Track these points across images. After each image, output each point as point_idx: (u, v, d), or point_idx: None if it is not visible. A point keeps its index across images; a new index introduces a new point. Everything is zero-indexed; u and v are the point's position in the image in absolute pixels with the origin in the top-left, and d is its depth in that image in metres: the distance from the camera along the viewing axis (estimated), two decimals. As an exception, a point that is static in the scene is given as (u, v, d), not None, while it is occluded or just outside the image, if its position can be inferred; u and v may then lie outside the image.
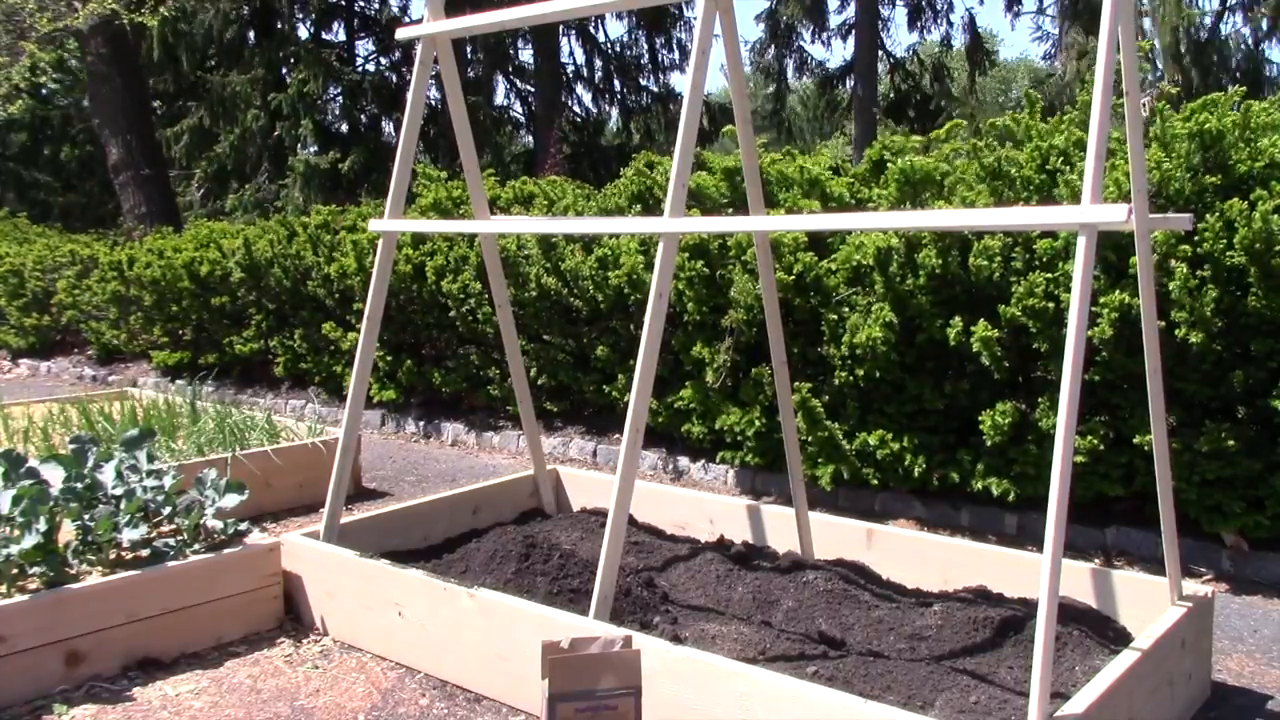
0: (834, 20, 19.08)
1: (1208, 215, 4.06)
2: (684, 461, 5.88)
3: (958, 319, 4.57)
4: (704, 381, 5.50)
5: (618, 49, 19.69)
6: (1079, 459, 4.29)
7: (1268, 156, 4.07)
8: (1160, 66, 14.07)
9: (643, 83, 19.69)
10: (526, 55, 19.07)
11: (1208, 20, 15.05)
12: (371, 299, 3.77)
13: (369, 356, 3.82)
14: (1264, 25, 14.59)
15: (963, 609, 3.24)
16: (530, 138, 20.00)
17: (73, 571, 3.41)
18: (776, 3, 18.65)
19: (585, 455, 6.29)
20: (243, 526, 3.78)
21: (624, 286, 5.82)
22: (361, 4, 18.40)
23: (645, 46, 19.53)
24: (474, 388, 7.02)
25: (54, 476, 3.68)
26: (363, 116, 17.41)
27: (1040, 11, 19.45)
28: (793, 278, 5.10)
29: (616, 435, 6.29)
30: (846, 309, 5.02)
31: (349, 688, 3.24)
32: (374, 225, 3.84)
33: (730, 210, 5.57)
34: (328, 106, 17.63)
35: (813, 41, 19.65)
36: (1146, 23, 13.64)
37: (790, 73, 19.87)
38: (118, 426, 5.57)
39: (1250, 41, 15.29)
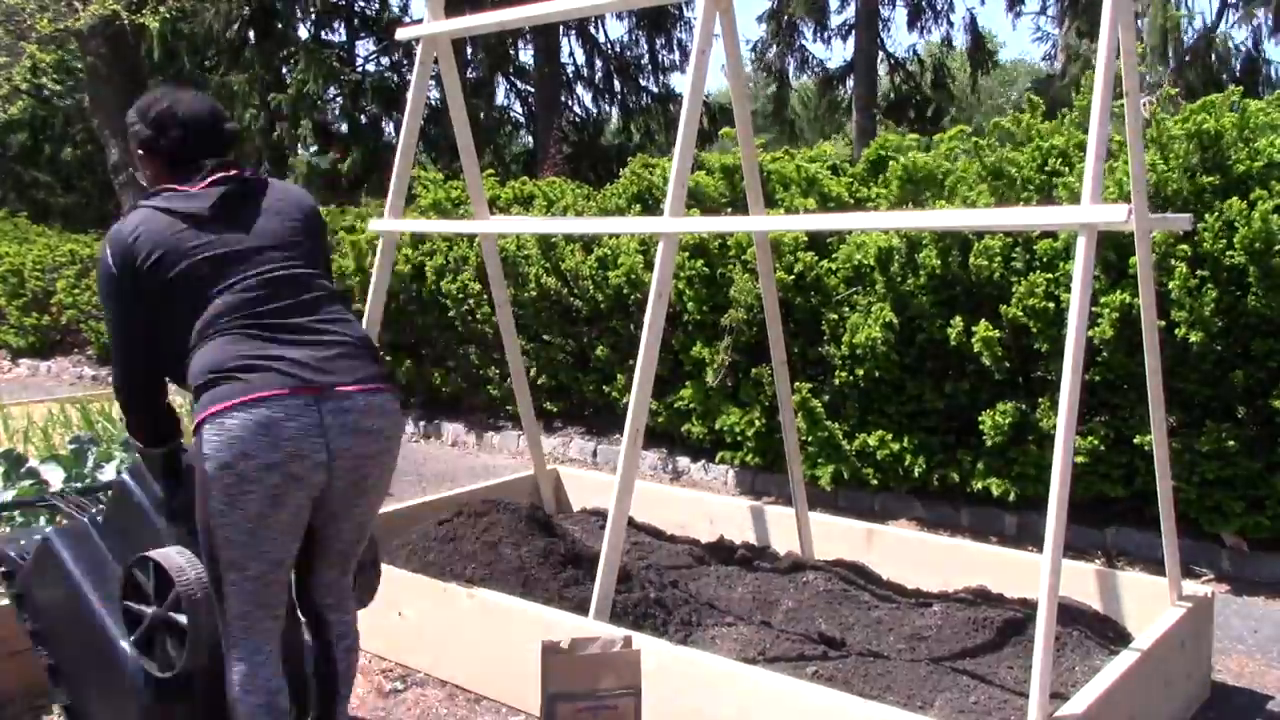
0: (834, 20, 19.07)
1: (1206, 215, 4.06)
2: (684, 461, 5.88)
3: (958, 319, 4.57)
4: (704, 381, 5.50)
5: (618, 49, 19.64)
6: (1079, 459, 4.29)
7: (1266, 156, 4.07)
8: (1154, 68, 14.08)
9: (643, 83, 19.64)
10: (527, 55, 19.06)
11: (1197, 22, 15.06)
12: (371, 299, 3.76)
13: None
14: (1262, 23, 14.58)
15: (963, 609, 3.24)
16: (530, 138, 19.98)
17: (73, 571, 3.40)
18: (778, 1, 18.63)
19: (585, 455, 6.29)
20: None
21: (624, 286, 5.82)
22: (362, 4, 18.38)
23: (645, 47, 19.46)
24: (474, 388, 7.02)
25: (54, 476, 3.68)
26: (363, 117, 17.39)
27: (1042, 12, 19.43)
28: (793, 277, 5.11)
29: (616, 435, 6.29)
30: (847, 309, 5.02)
31: (349, 688, 3.24)
32: (374, 225, 3.84)
33: (730, 209, 5.57)
34: (328, 107, 17.61)
35: (814, 40, 19.63)
36: (1144, 24, 13.65)
37: (792, 72, 19.82)
38: (118, 426, 5.57)
39: (1250, 42, 15.30)
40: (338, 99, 17.63)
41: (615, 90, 19.85)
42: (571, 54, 19.72)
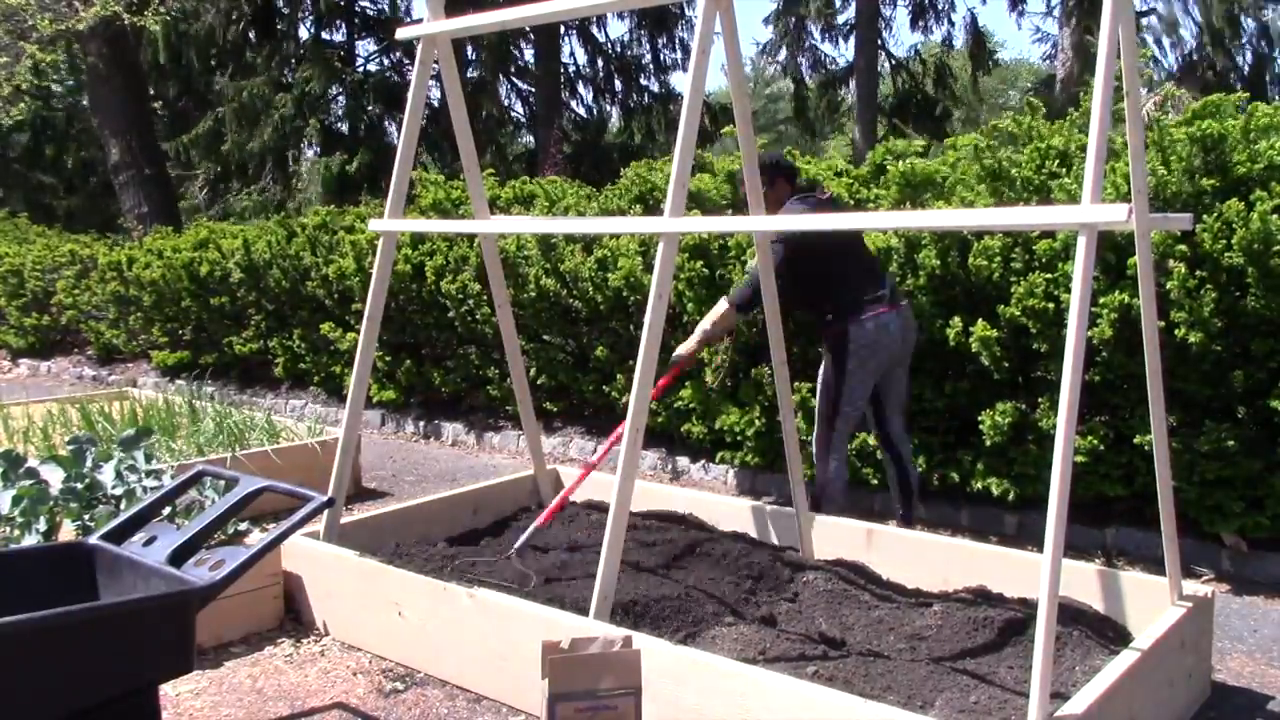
0: (836, 20, 19.09)
1: (1206, 216, 4.06)
2: (684, 461, 5.88)
3: (957, 319, 4.57)
4: (704, 381, 5.50)
5: (619, 49, 19.65)
6: (1079, 459, 4.29)
7: (1266, 159, 4.07)
8: (1217, 54, 13.86)
9: (644, 83, 19.65)
10: (527, 55, 19.06)
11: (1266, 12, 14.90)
12: (371, 299, 3.76)
13: (369, 357, 3.82)
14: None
15: (963, 609, 3.24)
16: (531, 138, 19.98)
17: (73, 571, 3.40)
18: (784, 2, 18.66)
19: (585, 455, 6.29)
20: (242, 526, 3.77)
21: (623, 288, 5.82)
22: (363, 4, 18.39)
23: (647, 46, 19.48)
24: (473, 388, 7.02)
25: (54, 476, 3.68)
26: (366, 117, 17.41)
27: (1047, 13, 19.42)
28: (793, 278, 5.10)
29: (616, 435, 6.29)
30: (846, 309, 5.02)
31: (349, 688, 3.24)
32: (374, 225, 3.84)
33: (731, 211, 5.57)
34: (330, 107, 17.63)
35: (823, 40, 19.62)
36: (1189, 10, 13.48)
37: (806, 73, 19.81)
38: (118, 426, 5.57)
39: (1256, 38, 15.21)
40: (339, 99, 17.64)
41: (616, 90, 19.86)
42: (572, 53, 19.76)
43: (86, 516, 3.54)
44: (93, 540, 2.80)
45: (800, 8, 18.34)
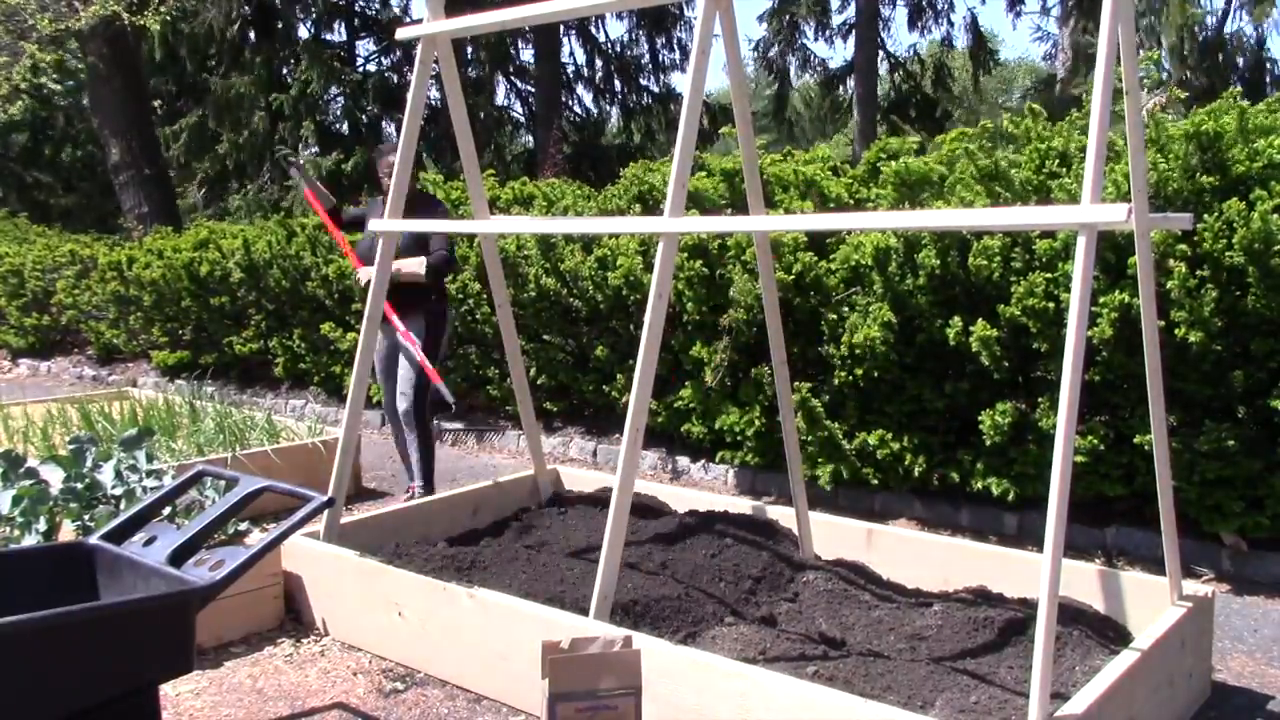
0: (835, 20, 19.07)
1: (1206, 215, 4.06)
2: (684, 461, 5.88)
3: (957, 319, 4.57)
4: (703, 381, 5.50)
5: (618, 49, 19.61)
6: (1079, 459, 4.29)
7: (1265, 157, 4.06)
8: (1168, 67, 13.91)
9: (643, 83, 19.62)
10: (527, 55, 19.05)
11: (1211, 20, 14.94)
12: (371, 299, 3.76)
13: (368, 357, 3.82)
14: (1265, 24, 14.49)
15: (963, 609, 3.24)
16: (530, 138, 19.96)
17: (73, 571, 3.39)
18: (780, 1, 18.65)
19: (585, 455, 6.29)
20: (243, 526, 3.77)
21: (623, 287, 5.82)
22: (362, 4, 18.36)
23: (646, 46, 19.45)
24: (474, 388, 7.02)
25: (54, 476, 3.68)
26: (364, 117, 17.38)
27: (1044, 12, 19.39)
28: (792, 277, 5.10)
29: (616, 435, 6.29)
30: (846, 309, 5.02)
31: (349, 688, 3.24)
32: (373, 225, 3.84)
33: (729, 211, 5.56)
34: (329, 107, 17.60)
35: (815, 39, 19.61)
36: (1161, 21, 13.51)
37: (793, 71, 19.83)
38: (118, 426, 5.57)
39: (1253, 41, 15.22)
40: (339, 99, 17.62)
41: (616, 90, 19.84)
42: (572, 54, 19.69)
43: (86, 516, 3.53)
44: (93, 540, 2.80)
45: (794, 6, 18.32)
